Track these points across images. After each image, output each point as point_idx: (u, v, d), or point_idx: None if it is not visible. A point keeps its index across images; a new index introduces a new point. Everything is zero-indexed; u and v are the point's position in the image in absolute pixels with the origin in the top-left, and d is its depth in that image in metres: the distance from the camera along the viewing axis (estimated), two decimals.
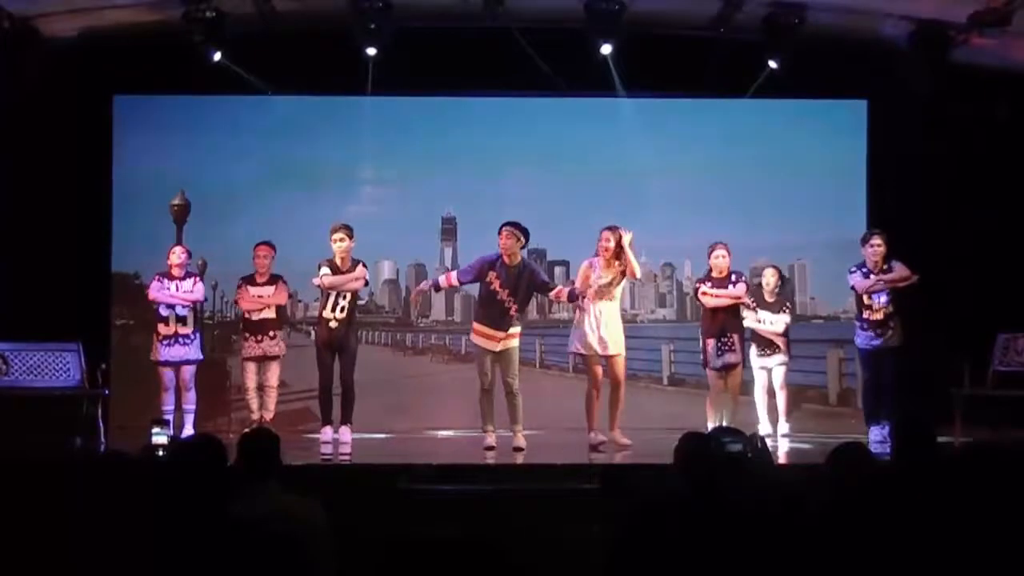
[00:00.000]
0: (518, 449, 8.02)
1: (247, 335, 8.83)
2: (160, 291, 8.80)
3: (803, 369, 10.25)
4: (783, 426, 9.04)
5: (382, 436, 9.17)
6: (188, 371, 8.83)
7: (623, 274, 8.39)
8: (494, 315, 8.09)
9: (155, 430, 7.54)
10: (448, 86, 9.92)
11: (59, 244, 9.67)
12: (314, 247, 9.10)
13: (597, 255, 8.40)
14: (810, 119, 10.29)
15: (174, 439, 7.63)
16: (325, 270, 8.56)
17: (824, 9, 9.04)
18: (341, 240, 8.55)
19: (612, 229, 8.37)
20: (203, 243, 10.03)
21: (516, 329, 8.20)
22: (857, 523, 3.77)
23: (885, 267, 8.78)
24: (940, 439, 4.63)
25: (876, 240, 8.77)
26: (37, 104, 9.47)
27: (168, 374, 8.79)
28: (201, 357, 8.98)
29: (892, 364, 8.73)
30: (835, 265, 10.14)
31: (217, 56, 9.04)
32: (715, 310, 8.80)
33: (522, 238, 8.16)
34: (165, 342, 8.79)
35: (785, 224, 10.28)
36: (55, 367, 8.79)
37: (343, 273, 8.58)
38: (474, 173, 10.30)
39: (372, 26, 8.93)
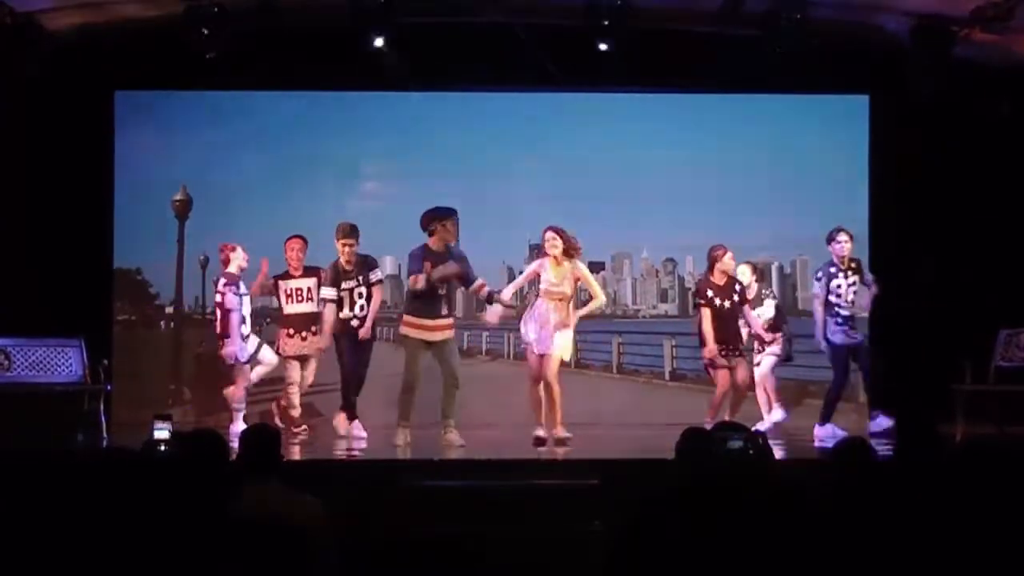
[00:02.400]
0: (458, 446, 8.02)
1: (290, 332, 8.82)
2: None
3: (806, 364, 10.24)
4: (776, 414, 8.97)
5: (382, 432, 9.16)
6: None
7: (576, 280, 8.40)
8: (427, 303, 8.12)
9: (157, 425, 7.51)
10: (450, 82, 9.91)
11: (61, 240, 9.66)
12: (316, 242, 9.10)
13: (545, 255, 8.39)
14: (811, 114, 10.26)
15: (176, 434, 7.61)
16: (331, 292, 8.58)
17: (825, 4, 9.01)
18: (351, 245, 8.56)
19: (557, 231, 8.36)
20: (204, 239, 10.04)
21: (450, 320, 8.26)
22: (859, 519, 3.76)
23: (853, 266, 8.76)
24: (942, 435, 4.61)
25: (842, 236, 8.75)
26: (38, 100, 9.47)
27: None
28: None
29: (869, 357, 8.74)
30: None
31: (211, 55, 9.01)
32: (718, 320, 8.76)
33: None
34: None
35: (787, 220, 10.26)
36: (57, 363, 8.80)
37: (348, 274, 8.56)
38: (477, 169, 10.28)
39: (373, 22, 8.90)
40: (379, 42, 9.10)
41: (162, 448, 7.02)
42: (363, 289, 8.60)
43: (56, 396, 8.73)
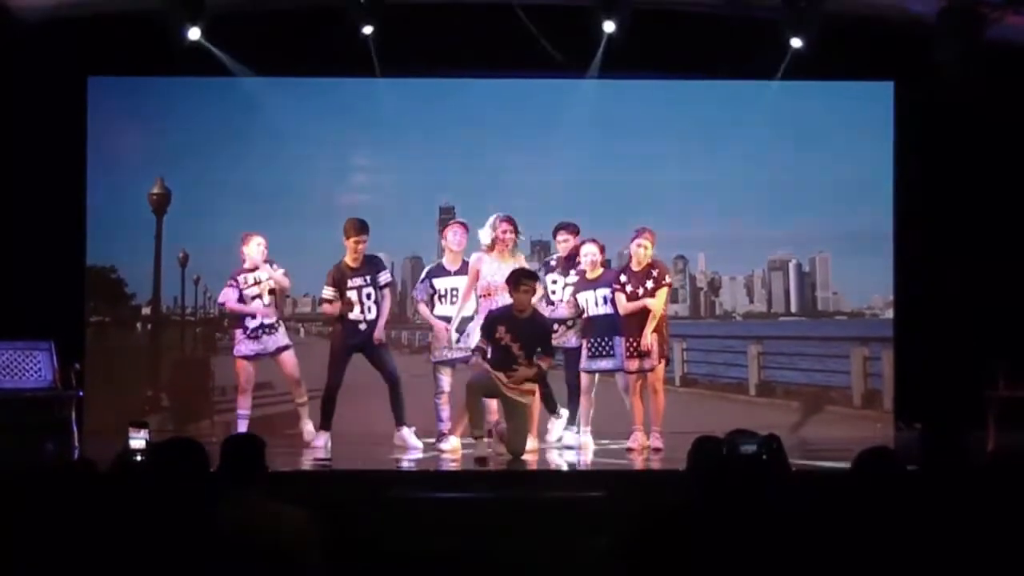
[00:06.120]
0: None
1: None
2: None
3: (825, 369, 10.26)
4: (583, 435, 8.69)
5: (374, 440, 9.17)
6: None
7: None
8: None
9: (132, 434, 7.52)
10: (446, 67, 9.90)
11: (30, 236, 9.66)
12: (303, 238, 9.10)
13: (492, 248, 8.34)
14: (833, 102, 10.23)
15: (151, 444, 7.61)
16: (329, 292, 8.55)
17: None
18: (364, 242, 8.54)
19: (511, 221, 8.34)
20: (183, 235, 10.05)
21: None
22: (881, 531, 3.77)
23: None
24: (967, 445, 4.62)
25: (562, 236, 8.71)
26: (6, 86, 9.47)
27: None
28: None
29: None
30: (859, 258, 10.18)
31: (195, 34, 8.98)
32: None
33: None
34: None
35: (806, 214, 10.27)
36: (26, 367, 8.78)
37: (355, 272, 8.55)
38: (474, 159, 10.28)
39: (362, 1, 8.91)
40: (367, 29, 9.12)
41: (138, 458, 7.03)
42: (371, 290, 8.54)
43: (24, 403, 8.72)
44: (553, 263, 8.81)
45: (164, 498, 3.84)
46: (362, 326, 8.54)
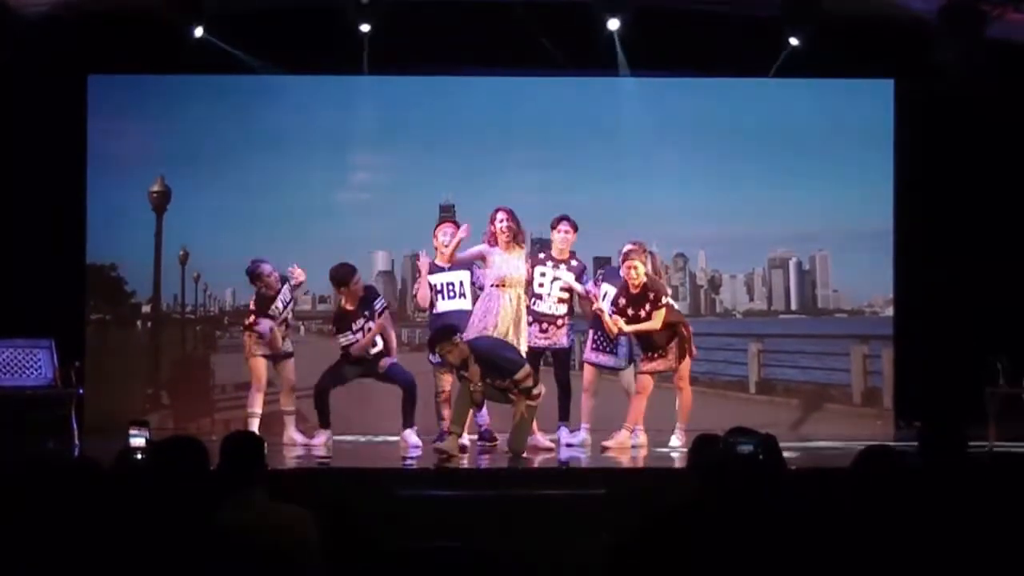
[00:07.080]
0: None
1: None
2: None
3: (825, 366, 10.26)
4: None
5: (376, 439, 9.17)
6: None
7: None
8: None
9: (133, 432, 7.52)
10: (447, 64, 9.91)
11: (30, 234, 9.67)
12: (303, 236, 9.08)
13: (493, 242, 8.30)
14: (833, 100, 10.24)
15: (151, 443, 7.61)
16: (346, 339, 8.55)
17: None
18: (358, 283, 8.53)
19: (508, 211, 8.32)
20: (184, 233, 10.04)
21: None
22: (882, 529, 3.77)
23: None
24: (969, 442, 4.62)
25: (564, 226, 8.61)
26: (5, 84, 9.46)
27: None
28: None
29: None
30: (859, 256, 10.17)
31: (199, 32, 8.99)
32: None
33: None
34: None
35: (806, 212, 10.27)
36: (26, 365, 8.78)
37: (354, 313, 8.51)
38: (474, 157, 10.27)
39: (364, 1, 8.91)
40: (365, 27, 9.12)
41: (138, 456, 7.03)
42: (371, 324, 8.56)
43: (25, 401, 8.73)
44: (542, 255, 8.71)
45: (164, 497, 3.83)
46: (371, 350, 8.58)
